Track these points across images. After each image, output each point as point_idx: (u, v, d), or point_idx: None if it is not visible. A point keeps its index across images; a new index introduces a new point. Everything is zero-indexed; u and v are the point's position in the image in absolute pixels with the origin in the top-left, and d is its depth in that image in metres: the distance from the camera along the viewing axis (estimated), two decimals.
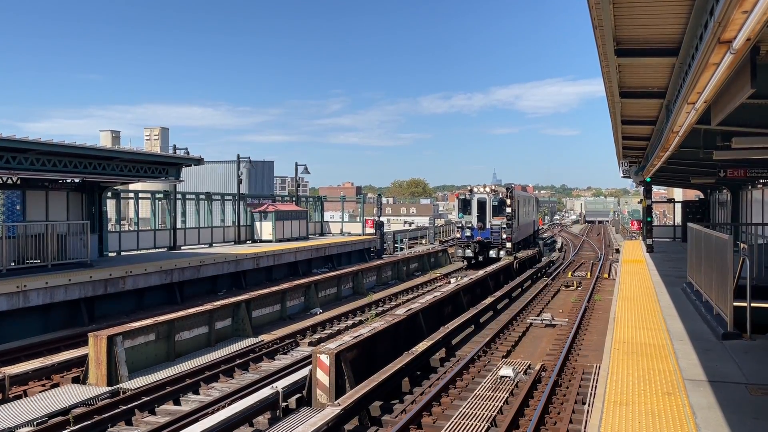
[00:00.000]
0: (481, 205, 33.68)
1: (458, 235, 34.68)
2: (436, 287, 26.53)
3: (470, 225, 33.58)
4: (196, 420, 10.15)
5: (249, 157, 36.74)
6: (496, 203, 33.70)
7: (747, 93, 7.52)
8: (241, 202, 35.00)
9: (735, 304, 10.02)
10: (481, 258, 33.70)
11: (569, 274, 32.47)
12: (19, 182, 20.85)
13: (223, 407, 10.67)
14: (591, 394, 10.84)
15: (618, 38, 8.34)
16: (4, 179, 20.41)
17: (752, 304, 10.10)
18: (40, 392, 12.44)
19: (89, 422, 10.54)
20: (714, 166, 21.44)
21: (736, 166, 21.15)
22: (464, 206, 34.39)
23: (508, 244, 33.00)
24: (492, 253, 32.97)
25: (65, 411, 11.14)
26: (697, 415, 6.68)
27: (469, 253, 33.51)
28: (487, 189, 33.97)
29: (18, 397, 12.28)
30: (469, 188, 34.74)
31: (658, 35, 8.29)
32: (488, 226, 33.43)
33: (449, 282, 25.64)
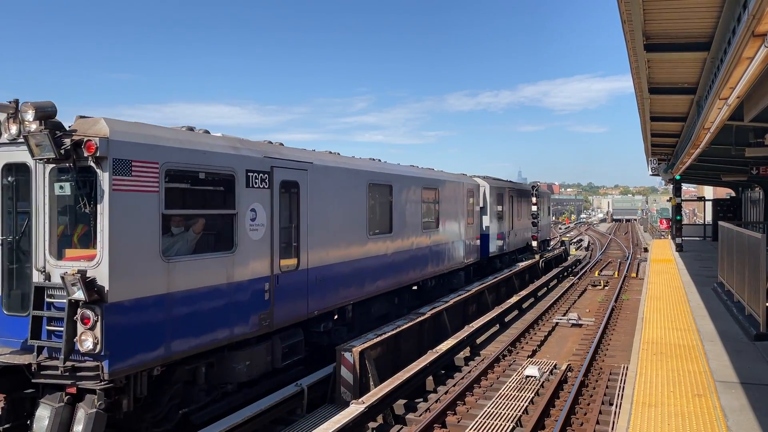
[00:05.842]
0: None
1: None
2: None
3: None
4: (223, 414, 10.23)
5: None
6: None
7: None
8: None
9: None
10: None
11: (596, 273, 32.03)
12: None
13: (249, 402, 10.73)
14: (618, 395, 10.68)
15: (647, 33, 8.20)
16: None
17: None
18: None
19: None
20: (746, 163, 21.03)
21: None
22: None
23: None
24: None
25: None
26: (729, 418, 6.53)
27: None
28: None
29: None
30: None
31: (688, 29, 8.13)
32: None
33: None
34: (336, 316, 13.16)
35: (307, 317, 11.58)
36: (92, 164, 7.52)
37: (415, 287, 18.12)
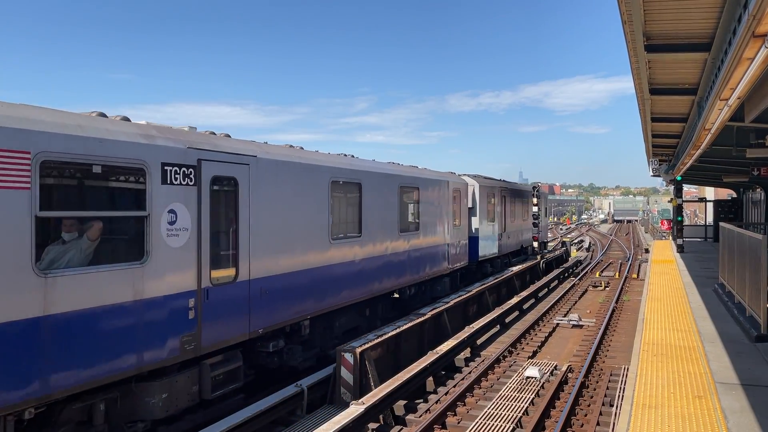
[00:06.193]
0: None
1: None
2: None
3: None
4: (223, 416, 10.22)
5: None
6: None
7: None
8: None
9: None
10: None
11: (597, 274, 32.01)
12: None
13: (249, 403, 10.72)
14: (619, 396, 10.66)
15: (648, 33, 8.19)
16: None
17: None
18: None
19: None
20: (747, 164, 21.02)
21: None
22: None
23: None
24: None
25: None
26: (729, 419, 6.52)
27: None
28: None
29: None
30: None
31: (689, 30, 8.13)
32: None
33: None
34: (290, 333, 11.42)
35: (250, 336, 9.83)
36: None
37: (396, 295, 16.89)
